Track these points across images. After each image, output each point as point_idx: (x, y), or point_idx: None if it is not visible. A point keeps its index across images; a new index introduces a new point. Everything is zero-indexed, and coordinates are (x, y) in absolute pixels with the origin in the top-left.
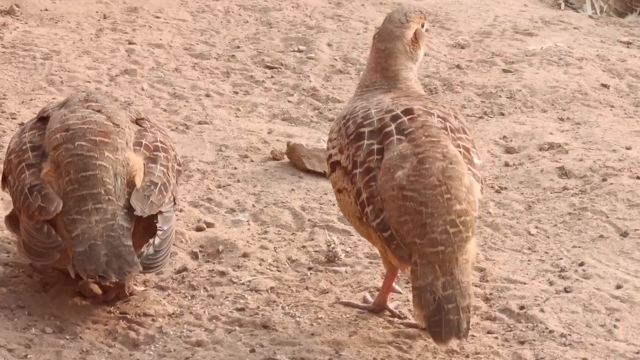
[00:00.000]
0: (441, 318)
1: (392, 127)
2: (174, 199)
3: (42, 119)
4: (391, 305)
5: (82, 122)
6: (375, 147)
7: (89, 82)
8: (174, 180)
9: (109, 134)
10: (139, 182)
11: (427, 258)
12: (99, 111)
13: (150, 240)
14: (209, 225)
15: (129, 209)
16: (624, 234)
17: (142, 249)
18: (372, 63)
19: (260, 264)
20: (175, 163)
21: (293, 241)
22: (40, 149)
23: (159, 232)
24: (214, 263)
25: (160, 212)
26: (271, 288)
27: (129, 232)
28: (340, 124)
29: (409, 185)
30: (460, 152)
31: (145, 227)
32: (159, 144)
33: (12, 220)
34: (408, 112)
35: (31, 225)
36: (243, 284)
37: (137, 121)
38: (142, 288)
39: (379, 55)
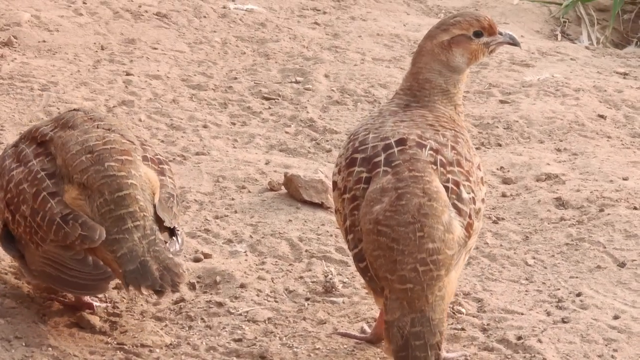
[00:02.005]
0: (408, 354)
1: (382, 157)
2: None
3: (40, 145)
4: None
5: (103, 142)
6: (364, 175)
7: None
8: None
9: (129, 152)
10: (157, 195)
11: (397, 294)
12: (109, 129)
13: (174, 238)
14: (207, 256)
15: (159, 221)
16: (622, 265)
17: (170, 246)
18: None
19: (258, 295)
20: (173, 175)
21: (290, 272)
22: (56, 175)
23: (177, 232)
24: (211, 294)
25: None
26: (269, 319)
27: (166, 245)
28: (346, 144)
29: (383, 221)
30: (448, 187)
31: None
32: (159, 156)
33: (6, 241)
34: (400, 142)
35: (67, 256)
36: (240, 314)
37: None
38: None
39: (414, 53)
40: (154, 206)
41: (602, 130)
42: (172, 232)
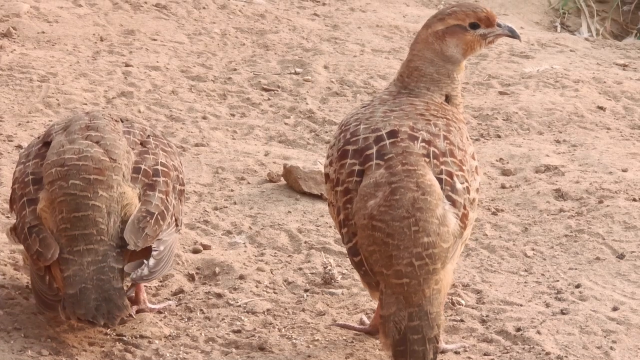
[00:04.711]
0: (406, 348)
1: (374, 150)
2: (176, 220)
3: (46, 144)
4: None
5: (78, 157)
6: (357, 168)
7: (86, 104)
8: (175, 201)
9: (104, 170)
10: (132, 215)
11: (393, 289)
12: (97, 142)
13: (145, 261)
14: (206, 247)
15: (122, 247)
16: (621, 256)
17: (137, 270)
18: None
19: (257, 286)
20: (177, 184)
21: (289, 263)
22: (41, 181)
23: (153, 253)
24: (210, 285)
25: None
26: (267, 310)
27: (119, 274)
28: (337, 134)
29: (378, 216)
30: (442, 178)
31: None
32: (159, 167)
33: (16, 232)
34: (392, 134)
35: (34, 270)
36: (239, 306)
37: (142, 142)
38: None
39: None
40: (122, 230)
41: (602, 122)
42: (147, 252)
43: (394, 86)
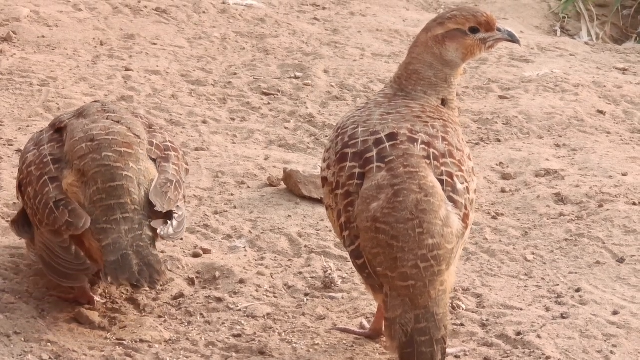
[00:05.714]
0: (414, 350)
1: (374, 152)
2: (184, 197)
3: (58, 131)
4: None
5: (106, 133)
6: (357, 171)
7: None
8: (183, 179)
9: (131, 145)
10: (154, 182)
11: (398, 291)
12: (118, 122)
13: (169, 222)
14: (206, 251)
15: (152, 217)
16: (621, 260)
17: (164, 227)
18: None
19: (257, 290)
20: (183, 162)
21: (290, 267)
22: (62, 161)
23: (175, 216)
24: (210, 289)
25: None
26: (268, 314)
27: (154, 241)
28: (333, 137)
29: (382, 218)
30: (442, 179)
31: None
32: (168, 143)
33: (19, 225)
34: (391, 137)
35: (56, 243)
36: (240, 310)
37: (149, 125)
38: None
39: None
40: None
41: (602, 126)
42: (169, 216)
43: (390, 88)
